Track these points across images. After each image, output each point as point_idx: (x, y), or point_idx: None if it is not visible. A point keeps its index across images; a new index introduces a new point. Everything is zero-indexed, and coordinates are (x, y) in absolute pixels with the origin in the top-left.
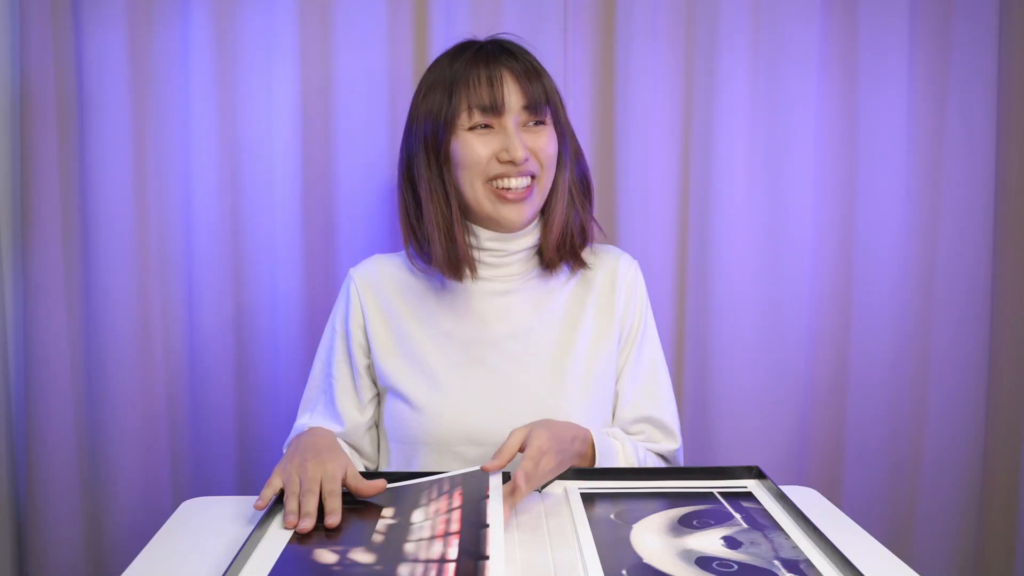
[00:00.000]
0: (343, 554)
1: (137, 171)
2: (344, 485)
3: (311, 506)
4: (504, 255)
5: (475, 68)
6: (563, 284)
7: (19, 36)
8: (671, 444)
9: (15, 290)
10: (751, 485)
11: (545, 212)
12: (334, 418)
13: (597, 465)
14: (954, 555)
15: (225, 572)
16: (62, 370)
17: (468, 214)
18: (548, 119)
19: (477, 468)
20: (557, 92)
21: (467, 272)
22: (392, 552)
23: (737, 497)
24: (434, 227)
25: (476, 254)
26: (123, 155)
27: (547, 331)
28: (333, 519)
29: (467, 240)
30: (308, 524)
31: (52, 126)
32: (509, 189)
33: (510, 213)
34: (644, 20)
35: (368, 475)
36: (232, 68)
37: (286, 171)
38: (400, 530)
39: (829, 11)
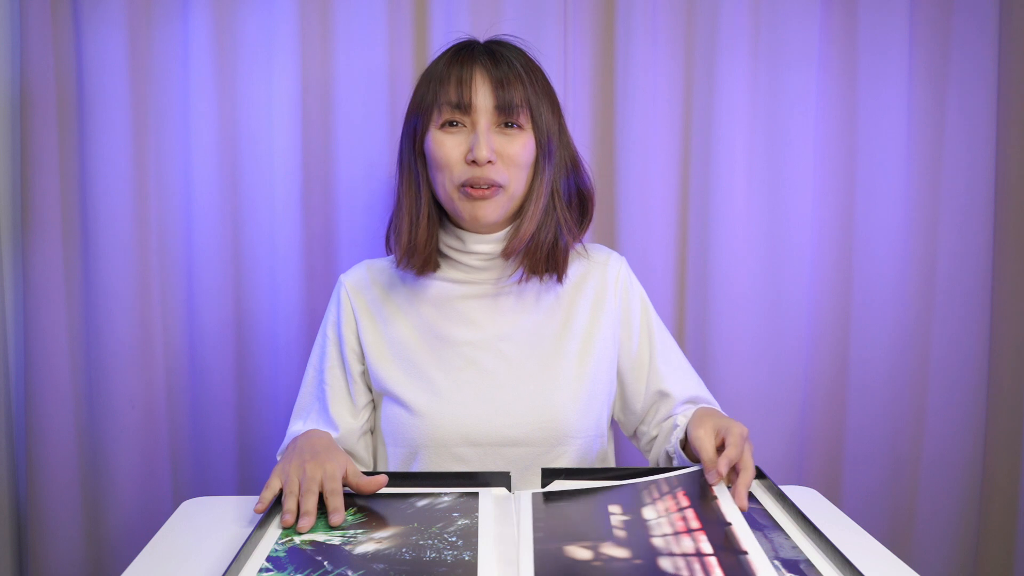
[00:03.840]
0: (595, 548)
1: (137, 171)
2: (345, 483)
3: (310, 505)
4: (490, 258)
5: (450, 66)
6: (553, 285)
7: (19, 36)
8: None
9: (15, 290)
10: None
11: (518, 216)
12: (328, 424)
13: None
14: (954, 555)
15: (225, 572)
16: (62, 370)
17: (450, 216)
18: (526, 124)
19: (690, 469)
20: (548, 98)
21: (427, 265)
22: (643, 546)
23: None
24: (404, 216)
25: (461, 257)
26: (123, 155)
27: (539, 332)
28: (336, 517)
29: (438, 237)
30: (307, 523)
31: (52, 126)
32: (474, 188)
33: (475, 210)
34: (644, 20)
35: (367, 474)
36: (232, 68)
37: (286, 171)
38: (638, 526)
39: (829, 11)
